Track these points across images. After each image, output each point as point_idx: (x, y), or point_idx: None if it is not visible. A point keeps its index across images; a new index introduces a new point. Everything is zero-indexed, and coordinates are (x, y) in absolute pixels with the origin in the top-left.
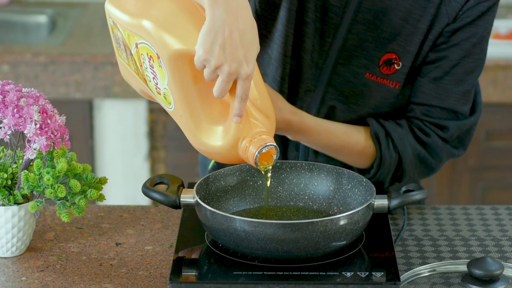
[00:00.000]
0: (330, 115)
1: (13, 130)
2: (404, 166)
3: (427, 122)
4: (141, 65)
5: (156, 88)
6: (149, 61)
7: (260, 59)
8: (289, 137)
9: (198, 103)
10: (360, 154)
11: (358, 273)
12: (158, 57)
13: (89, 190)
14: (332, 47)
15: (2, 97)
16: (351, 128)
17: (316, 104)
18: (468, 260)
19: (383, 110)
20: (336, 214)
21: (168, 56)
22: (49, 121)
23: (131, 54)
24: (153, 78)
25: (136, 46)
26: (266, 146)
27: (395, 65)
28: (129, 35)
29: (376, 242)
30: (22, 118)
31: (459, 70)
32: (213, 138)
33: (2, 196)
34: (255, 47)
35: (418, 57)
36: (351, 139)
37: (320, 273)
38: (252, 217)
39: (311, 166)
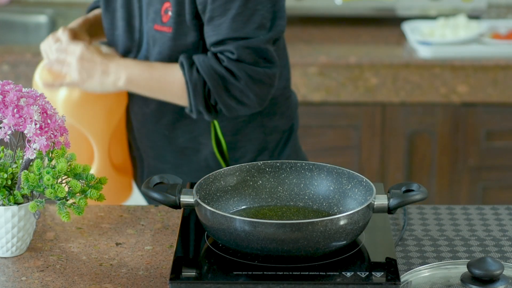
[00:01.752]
0: None
1: (13, 130)
2: (211, 89)
3: (218, 53)
4: None
5: None
6: None
7: None
8: (112, 78)
9: None
10: (177, 85)
11: (358, 273)
12: None
13: (89, 190)
14: (142, 9)
15: (2, 97)
16: (165, 63)
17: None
18: (468, 260)
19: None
20: (336, 214)
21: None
22: (49, 121)
23: None
24: None
25: None
26: None
27: (169, 12)
28: None
29: (376, 242)
30: (22, 118)
31: (218, 3)
32: None
33: (2, 196)
34: None
35: (184, 2)
36: (168, 70)
37: (320, 273)
38: (252, 217)
39: (311, 166)
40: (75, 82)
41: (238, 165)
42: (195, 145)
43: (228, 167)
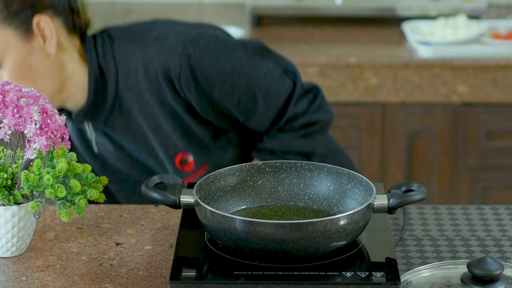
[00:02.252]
0: None
1: (13, 130)
2: (307, 151)
3: (284, 125)
4: None
5: None
6: None
7: None
8: None
9: None
10: None
11: (358, 273)
12: None
13: (89, 190)
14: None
15: (2, 97)
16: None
17: None
18: (468, 260)
19: None
20: (336, 214)
21: None
22: (49, 121)
23: None
24: None
25: None
26: None
27: (191, 158)
28: None
29: (376, 242)
30: (22, 118)
31: (241, 104)
32: None
33: (2, 196)
34: None
35: (201, 141)
36: None
37: (320, 273)
38: (252, 217)
39: (311, 166)
40: None
41: (238, 165)
42: None
43: (228, 167)
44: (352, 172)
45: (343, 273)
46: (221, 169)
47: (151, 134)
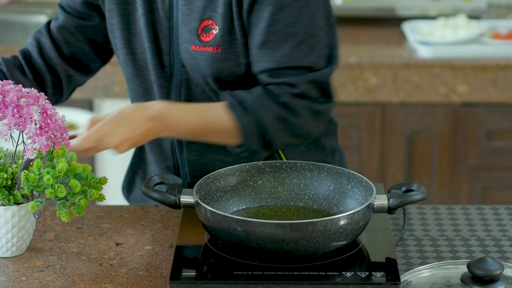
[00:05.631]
0: (190, 98)
1: (13, 130)
2: (267, 129)
3: (274, 85)
4: None
5: None
6: None
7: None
8: (162, 133)
9: None
10: (227, 129)
11: (358, 273)
12: None
13: (89, 190)
14: (172, 30)
15: (2, 97)
16: (210, 104)
17: (177, 87)
18: (468, 260)
19: (225, 79)
20: (336, 214)
21: None
22: (49, 121)
23: None
24: None
25: None
26: None
27: (213, 30)
28: None
29: (376, 242)
30: (22, 118)
31: (278, 26)
32: None
33: (2, 196)
34: None
35: (233, 19)
36: (214, 114)
37: (320, 273)
38: (252, 217)
39: (311, 166)
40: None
41: (238, 165)
42: None
43: (228, 167)
44: (352, 172)
45: (343, 273)
46: (221, 169)
47: None
